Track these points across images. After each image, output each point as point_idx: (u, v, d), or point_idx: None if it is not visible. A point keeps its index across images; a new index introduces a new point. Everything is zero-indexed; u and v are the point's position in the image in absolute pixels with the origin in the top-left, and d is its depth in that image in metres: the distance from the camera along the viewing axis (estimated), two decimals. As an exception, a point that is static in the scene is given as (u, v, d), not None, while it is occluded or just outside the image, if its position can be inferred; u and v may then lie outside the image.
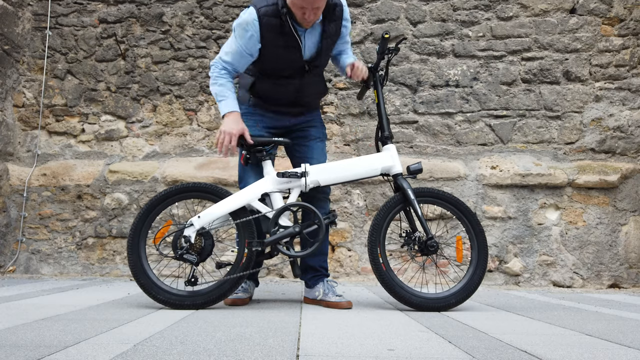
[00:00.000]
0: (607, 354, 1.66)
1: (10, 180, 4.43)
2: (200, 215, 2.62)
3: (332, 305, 2.72)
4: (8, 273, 4.30)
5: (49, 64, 4.61)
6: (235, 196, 2.65)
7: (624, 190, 4.21)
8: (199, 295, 2.55)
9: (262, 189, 2.67)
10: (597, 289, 4.08)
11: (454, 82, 4.41)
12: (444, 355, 1.58)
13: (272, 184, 2.67)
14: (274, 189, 2.67)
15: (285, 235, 2.60)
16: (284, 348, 1.61)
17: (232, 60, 2.66)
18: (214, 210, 2.62)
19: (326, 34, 2.68)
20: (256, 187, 2.67)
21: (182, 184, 2.79)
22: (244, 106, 2.85)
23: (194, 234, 2.61)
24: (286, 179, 2.66)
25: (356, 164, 2.72)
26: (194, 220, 2.61)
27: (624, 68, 4.34)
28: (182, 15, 4.55)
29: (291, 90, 2.76)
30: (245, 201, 2.64)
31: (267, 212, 2.63)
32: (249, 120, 2.82)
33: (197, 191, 2.71)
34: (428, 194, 2.73)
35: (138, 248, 2.65)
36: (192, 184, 2.71)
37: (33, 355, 1.46)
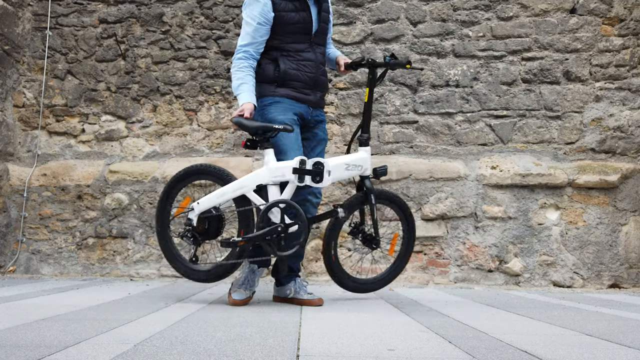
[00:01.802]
0: (608, 354, 1.66)
1: (11, 180, 4.43)
2: (199, 201, 2.77)
3: (304, 302, 2.81)
4: (8, 273, 4.31)
5: (49, 64, 4.61)
6: (231, 185, 2.71)
7: (624, 190, 4.21)
8: (201, 271, 2.83)
9: (257, 180, 2.68)
10: (598, 289, 4.08)
11: (454, 82, 4.41)
12: (444, 355, 1.58)
13: (268, 175, 2.67)
14: (269, 181, 2.67)
15: (268, 232, 2.61)
16: (284, 348, 1.61)
17: (250, 40, 2.75)
18: (211, 198, 2.74)
19: (323, 7, 2.88)
20: (254, 177, 2.70)
21: (195, 165, 2.92)
22: (269, 98, 2.83)
23: (195, 218, 2.77)
24: (281, 171, 2.66)
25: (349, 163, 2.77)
26: (194, 206, 2.78)
27: (624, 68, 4.34)
28: (182, 15, 4.55)
29: (312, 65, 2.84)
30: (239, 192, 2.69)
31: (260, 205, 2.65)
32: (278, 108, 2.79)
33: (205, 174, 2.87)
34: (384, 196, 2.98)
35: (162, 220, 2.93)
36: (201, 166, 2.87)
37: (33, 355, 1.46)
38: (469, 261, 4.16)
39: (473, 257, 4.16)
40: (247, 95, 2.73)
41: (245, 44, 2.77)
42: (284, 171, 2.65)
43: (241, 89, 2.74)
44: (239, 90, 2.75)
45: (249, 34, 2.75)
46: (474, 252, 4.16)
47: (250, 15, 2.74)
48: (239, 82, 2.76)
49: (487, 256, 4.16)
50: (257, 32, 2.75)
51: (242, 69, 2.77)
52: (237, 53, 2.79)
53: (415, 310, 2.62)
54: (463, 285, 4.09)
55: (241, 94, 2.74)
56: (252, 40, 2.76)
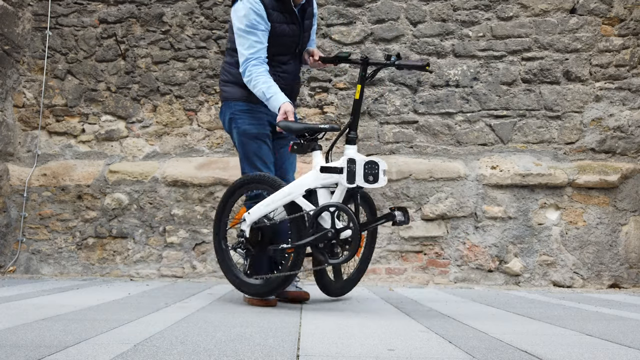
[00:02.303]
0: (608, 354, 1.66)
1: (11, 180, 4.43)
2: (250, 212, 2.68)
3: (292, 294, 2.81)
4: (8, 273, 4.31)
5: (49, 64, 4.61)
6: (280, 192, 2.58)
7: (624, 190, 4.21)
8: (253, 285, 2.70)
9: (306, 184, 2.55)
10: (598, 289, 4.08)
11: (454, 82, 4.41)
12: (444, 355, 1.58)
13: (316, 179, 2.53)
14: (318, 185, 2.53)
15: (318, 238, 2.46)
16: (284, 348, 1.61)
17: (258, 47, 2.68)
18: (260, 208, 2.65)
19: (306, 15, 2.87)
20: (302, 182, 2.57)
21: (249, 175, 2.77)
22: (238, 103, 2.83)
23: (248, 229, 2.68)
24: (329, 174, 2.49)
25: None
26: (245, 216, 2.70)
27: (624, 68, 4.34)
28: (182, 15, 4.55)
29: (289, 78, 2.86)
30: (288, 199, 2.55)
31: (310, 211, 2.51)
32: (251, 118, 2.81)
33: (259, 183, 2.73)
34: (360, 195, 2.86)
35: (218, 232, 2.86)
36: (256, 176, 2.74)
37: (33, 355, 1.46)
38: (469, 261, 4.16)
39: (473, 257, 4.16)
40: (282, 96, 2.65)
41: (254, 52, 2.69)
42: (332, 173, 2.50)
43: (271, 91, 2.66)
44: (269, 93, 2.65)
45: (254, 41, 2.68)
46: (474, 252, 4.16)
47: (249, 24, 2.68)
48: (266, 85, 2.66)
49: (487, 256, 4.16)
50: (262, 38, 2.70)
51: (262, 73, 2.68)
52: (247, 61, 2.69)
53: (415, 310, 2.62)
54: (463, 285, 4.09)
55: (274, 96, 2.65)
56: (258, 47, 2.69)
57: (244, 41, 2.70)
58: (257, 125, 2.81)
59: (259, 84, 2.67)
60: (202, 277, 4.21)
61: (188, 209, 4.31)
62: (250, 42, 2.68)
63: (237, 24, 2.72)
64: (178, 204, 4.31)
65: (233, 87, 2.86)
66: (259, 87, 2.67)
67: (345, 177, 2.45)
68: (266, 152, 2.82)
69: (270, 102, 2.66)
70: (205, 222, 4.27)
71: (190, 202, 4.31)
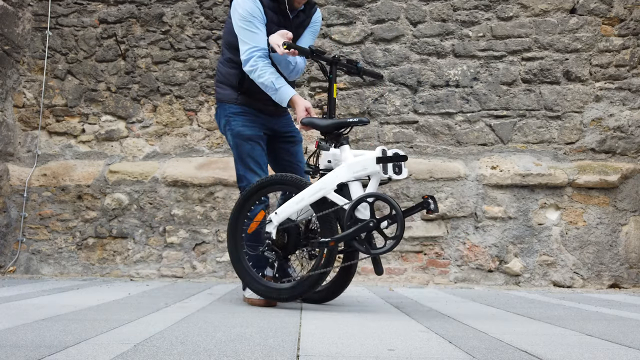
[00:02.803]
0: (608, 354, 1.66)
1: (11, 180, 4.43)
2: (278, 211, 2.58)
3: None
4: (8, 273, 4.30)
5: (49, 64, 4.61)
6: (310, 189, 2.52)
7: (624, 190, 4.21)
8: (283, 289, 2.59)
9: (337, 179, 2.48)
10: (598, 289, 4.08)
11: (454, 82, 4.41)
12: (444, 355, 1.58)
13: (347, 172, 2.48)
14: (351, 178, 2.48)
15: (359, 230, 2.40)
16: (284, 348, 1.61)
17: (261, 39, 2.67)
18: (291, 205, 2.55)
19: (298, 24, 2.84)
20: (333, 176, 2.49)
21: (270, 176, 2.69)
22: (233, 105, 2.82)
23: (274, 230, 2.59)
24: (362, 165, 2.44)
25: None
26: (272, 217, 2.59)
27: (624, 68, 4.34)
28: (182, 15, 4.55)
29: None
30: (320, 194, 2.49)
31: (345, 205, 2.45)
32: (245, 120, 2.81)
33: (279, 184, 2.65)
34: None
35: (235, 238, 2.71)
36: (276, 177, 2.65)
37: (33, 355, 1.46)
38: (469, 261, 4.16)
39: (473, 257, 4.16)
40: (291, 89, 2.66)
41: (257, 43, 2.66)
42: (365, 164, 2.44)
43: (281, 82, 2.65)
44: (279, 83, 2.64)
45: (254, 33, 2.67)
46: (474, 252, 4.16)
47: (248, 16, 2.68)
48: (275, 76, 2.64)
49: (487, 256, 4.16)
50: (263, 30, 2.69)
51: (268, 64, 2.67)
52: (252, 51, 2.66)
53: (415, 310, 2.62)
54: (463, 285, 4.09)
55: (283, 87, 2.64)
56: (260, 38, 2.68)
57: (245, 32, 2.69)
58: (251, 127, 2.81)
59: (266, 74, 2.65)
60: (202, 277, 4.21)
61: (188, 209, 4.31)
62: (252, 34, 2.67)
63: (237, 18, 2.72)
64: (178, 204, 4.31)
65: (225, 88, 2.86)
66: (266, 77, 2.64)
67: (381, 167, 2.41)
68: (259, 154, 2.81)
69: (279, 93, 2.65)
70: (205, 222, 4.27)
71: (190, 202, 4.31)
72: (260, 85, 2.69)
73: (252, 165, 2.78)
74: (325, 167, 2.63)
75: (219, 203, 4.28)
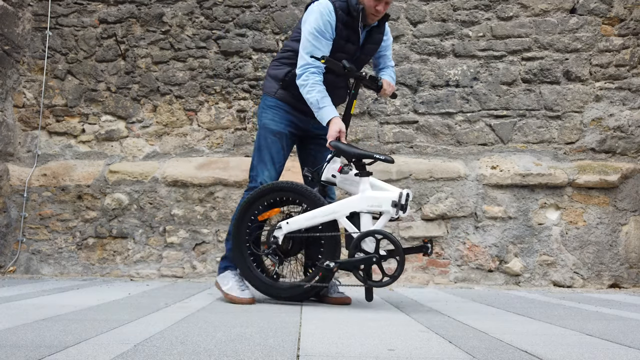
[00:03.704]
0: (608, 354, 1.66)
1: (11, 180, 4.43)
2: (290, 221, 2.72)
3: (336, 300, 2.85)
4: (8, 273, 4.31)
5: (49, 64, 4.61)
6: (323, 209, 2.66)
7: (624, 190, 4.21)
8: (279, 288, 2.78)
9: (351, 207, 2.65)
10: (598, 289, 4.08)
11: (454, 82, 4.41)
12: (445, 355, 1.58)
13: (362, 203, 2.64)
14: (364, 210, 2.64)
15: (363, 261, 2.60)
16: (284, 348, 1.61)
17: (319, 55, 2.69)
18: (301, 220, 2.70)
19: (371, 40, 2.86)
20: (348, 203, 2.65)
21: (283, 182, 2.78)
22: (270, 98, 2.90)
23: (281, 237, 2.74)
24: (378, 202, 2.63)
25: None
26: (282, 225, 2.74)
27: (624, 68, 4.34)
28: (182, 15, 4.55)
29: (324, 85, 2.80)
30: (331, 217, 2.66)
31: (353, 233, 2.63)
32: (275, 114, 2.88)
33: (292, 192, 2.75)
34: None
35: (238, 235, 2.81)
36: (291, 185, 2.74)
37: (33, 355, 1.46)
38: (469, 261, 4.16)
39: (473, 257, 4.16)
40: (333, 110, 2.70)
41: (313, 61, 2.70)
42: (381, 202, 2.62)
43: (325, 102, 2.68)
44: (323, 103, 2.69)
45: (317, 48, 2.70)
46: (474, 252, 4.16)
47: (318, 30, 2.70)
48: (321, 95, 2.68)
49: (487, 256, 4.16)
50: (325, 47, 2.72)
51: (319, 82, 2.71)
52: (307, 66, 2.71)
53: (415, 310, 2.62)
54: (463, 285, 4.09)
55: (327, 107, 2.68)
56: (322, 54, 2.70)
57: (308, 45, 2.71)
58: (279, 123, 2.88)
59: (313, 92, 2.69)
60: (202, 277, 4.21)
61: (188, 209, 4.31)
62: (314, 48, 2.70)
63: (307, 26, 2.74)
64: (178, 204, 4.31)
65: (270, 81, 2.94)
66: (313, 94, 2.69)
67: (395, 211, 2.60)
68: (277, 150, 2.88)
69: (322, 112, 2.69)
70: (205, 222, 4.27)
71: (190, 202, 4.31)
72: (307, 101, 2.74)
73: (265, 159, 2.87)
74: (326, 180, 2.76)
75: (219, 203, 4.29)
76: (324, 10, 2.70)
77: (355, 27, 2.77)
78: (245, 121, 4.47)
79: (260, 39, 4.48)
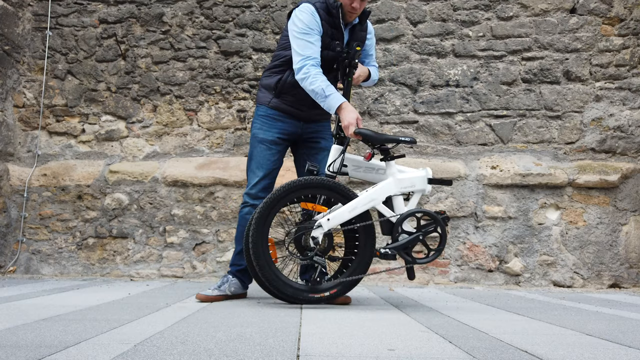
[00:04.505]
0: (608, 354, 1.66)
1: (11, 180, 4.43)
2: (330, 217, 2.62)
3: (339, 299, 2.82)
4: (8, 273, 4.31)
5: (49, 65, 4.61)
6: (362, 199, 2.65)
7: (625, 190, 4.21)
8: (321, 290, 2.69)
9: (387, 191, 2.68)
10: (598, 289, 4.08)
11: (454, 82, 4.41)
12: (445, 355, 1.58)
13: (395, 186, 2.68)
14: (397, 192, 2.69)
15: (412, 241, 2.64)
16: (284, 348, 1.61)
17: (314, 50, 2.75)
18: (344, 213, 2.63)
19: (355, 37, 2.90)
20: (382, 189, 2.68)
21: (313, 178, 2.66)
22: (263, 107, 2.97)
23: (321, 236, 2.65)
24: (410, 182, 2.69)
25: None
26: (322, 222, 2.63)
27: (624, 68, 4.34)
28: (182, 15, 4.55)
29: None
30: (370, 205, 2.66)
31: (391, 217, 2.66)
32: (264, 123, 2.95)
33: (323, 189, 2.66)
34: None
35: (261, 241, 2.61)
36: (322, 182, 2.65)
37: (33, 355, 1.46)
38: (469, 261, 4.16)
39: (473, 257, 4.16)
40: (340, 96, 2.73)
41: (311, 52, 2.74)
42: (413, 182, 2.71)
43: (331, 90, 2.70)
44: (329, 91, 2.69)
45: (310, 42, 2.74)
46: (474, 252, 4.16)
47: (306, 28, 2.75)
48: (325, 84, 2.70)
49: (487, 256, 4.16)
50: (317, 42, 2.77)
51: (320, 73, 2.73)
52: (305, 60, 2.73)
53: (415, 310, 2.62)
54: (463, 285, 4.09)
55: (333, 95, 2.69)
56: (314, 49, 2.75)
57: (300, 42, 2.76)
58: (266, 131, 2.94)
59: (317, 82, 2.71)
60: (202, 277, 4.21)
61: (188, 209, 4.31)
62: (307, 43, 2.75)
63: (293, 27, 2.79)
64: (178, 204, 4.31)
65: (263, 91, 3.01)
66: (317, 84, 2.70)
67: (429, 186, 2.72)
68: (264, 156, 2.93)
69: (328, 100, 2.70)
70: (206, 222, 4.27)
71: (190, 202, 4.31)
72: (311, 93, 2.74)
73: (253, 166, 2.95)
74: (333, 172, 2.72)
75: (219, 203, 4.29)
76: (306, 10, 2.79)
77: (337, 24, 2.84)
78: (245, 121, 4.47)
79: (260, 39, 4.48)
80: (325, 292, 2.67)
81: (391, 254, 2.64)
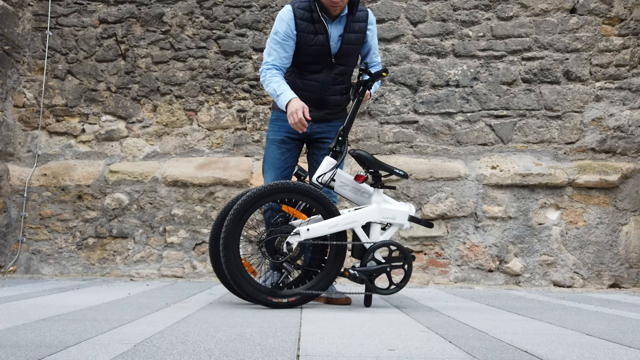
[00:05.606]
0: (608, 353, 1.66)
1: (11, 180, 4.43)
2: (310, 228, 2.62)
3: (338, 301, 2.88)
4: (8, 273, 4.31)
5: (49, 64, 4.61)
6: (344, 218, 2.67)
7: (625, 190, 4.21)
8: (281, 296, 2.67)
9: (369, 217, 2.72)
10: (598, 289, 4.08)
11: (454, 82, 4.41)
12: (445, 355, 1.58)
13: (378, 214, 2.73)
14: (378, 220, 2.73)
15: (379, 270, 2.70)
16: (284, 348, 1.61)
17: (276, 56, 2.88)
18: (323, 227, 2.64)
19: (349, 29, 2.91)
20: (365, 214, 2.71)
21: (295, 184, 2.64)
22: (275, 112, 3.06)
23: (296, 243, 2.64)
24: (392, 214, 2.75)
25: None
26: (301, 231, 2.61)
27: (624, 68, 4.34)
28: (182, 15, 4.55)
29: (317, 86, 2.94)
30: (350, 225, 2.70)
31: (366, 242, 2.71)
32: (274, 125, 3.04)
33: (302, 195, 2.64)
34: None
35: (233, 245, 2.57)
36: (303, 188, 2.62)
37: (33, 355, 1.46)
38: (469, 261, 4.16)
39: (473, 257, 4.16)
40: (290, 93, 2.81)
41: (272, 59, 2.89)
42: (395, 214, 2.76)
43: (281, 89, 2.83)
44: (280, 90, 2.82)
45: (274, 49, 2.89)
46: (474, 252, 4.16)
47: (275, 32, 2.88)
48: (277, 85, 2.84)
49: (487, 256, 4.16)
50: (281, 48, 2.87)
51: (275, 75, 2.89)
52: (263, 66, 2.92)
53: (415, 310, 2.62)
54: (463, 285, 4.09)
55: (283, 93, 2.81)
56: (276, 55, 2.88)
57: (267, 48, 2.93)
58: (276, 132, 3.04)
59: (271, 84, 2.87)
60: (202, 277, 4.21)
61: (188, 209, 4.31)
62: (270, 49, 2.91)
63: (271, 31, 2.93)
64: (178, 204, 4.31)
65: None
66: (271, 86, 2.87)
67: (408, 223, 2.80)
68: (274, 156, 3.03)
69: (280, 99, 2.84)
70: (206, 222, 4.27)
71: (190, 202, 4.31)
72: (270, 95, 2.94)
73: (265, 166, 3.06)
74: (321, 183, 2.72)
75: (219, 203, 4.28)
76: (282, 13, 2.89)
77: (317, 18, 2.87)
78: (245, 121, 4.47)
79: (261, 39, 4.48)
80: (284, 298, 2.65)
81: (359, 278, 2.68)
